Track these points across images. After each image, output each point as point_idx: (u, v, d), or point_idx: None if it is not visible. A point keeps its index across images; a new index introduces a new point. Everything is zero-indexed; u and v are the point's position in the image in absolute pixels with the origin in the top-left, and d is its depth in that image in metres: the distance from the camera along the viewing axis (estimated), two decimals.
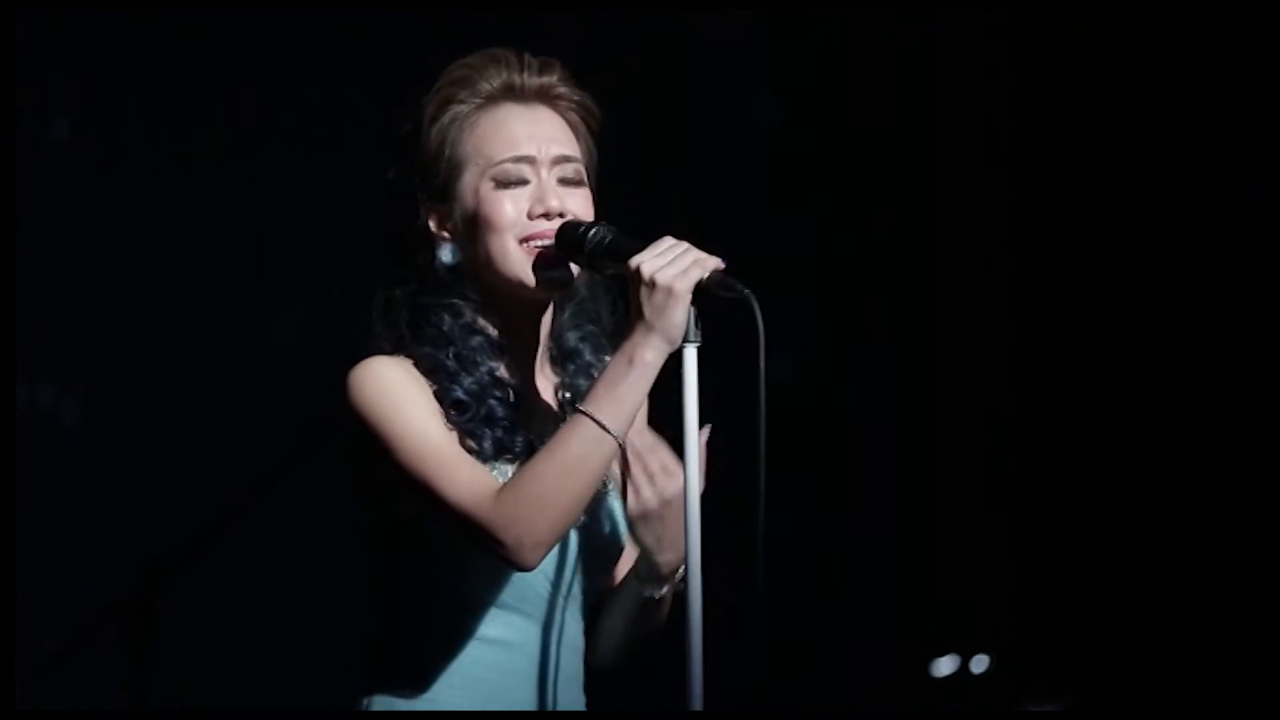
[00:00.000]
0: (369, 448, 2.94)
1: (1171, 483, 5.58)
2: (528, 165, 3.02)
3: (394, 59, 5.48)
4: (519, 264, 3.00)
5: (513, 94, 3.05)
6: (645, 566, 3.05)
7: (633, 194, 3.18)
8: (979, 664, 5.50)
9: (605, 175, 3.13)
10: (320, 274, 3.11)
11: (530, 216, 3.00)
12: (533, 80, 3.05)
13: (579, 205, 3.03)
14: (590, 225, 2.98)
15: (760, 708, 2.67)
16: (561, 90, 3.06)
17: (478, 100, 3.04)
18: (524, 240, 2.99)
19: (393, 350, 3.01)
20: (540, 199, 3.00)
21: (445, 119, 3.04)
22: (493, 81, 3.04)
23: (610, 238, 2.95)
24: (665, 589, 3.06)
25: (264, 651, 5.38)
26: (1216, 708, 5.39)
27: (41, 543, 5.26)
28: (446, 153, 3.03)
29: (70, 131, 5.35)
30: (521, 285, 3.00)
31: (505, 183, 3.01)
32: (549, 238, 2.99)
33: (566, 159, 3.04)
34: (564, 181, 3.03)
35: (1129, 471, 5.66)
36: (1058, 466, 5.80)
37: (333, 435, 3.01)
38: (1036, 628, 5.78)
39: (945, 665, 5.51)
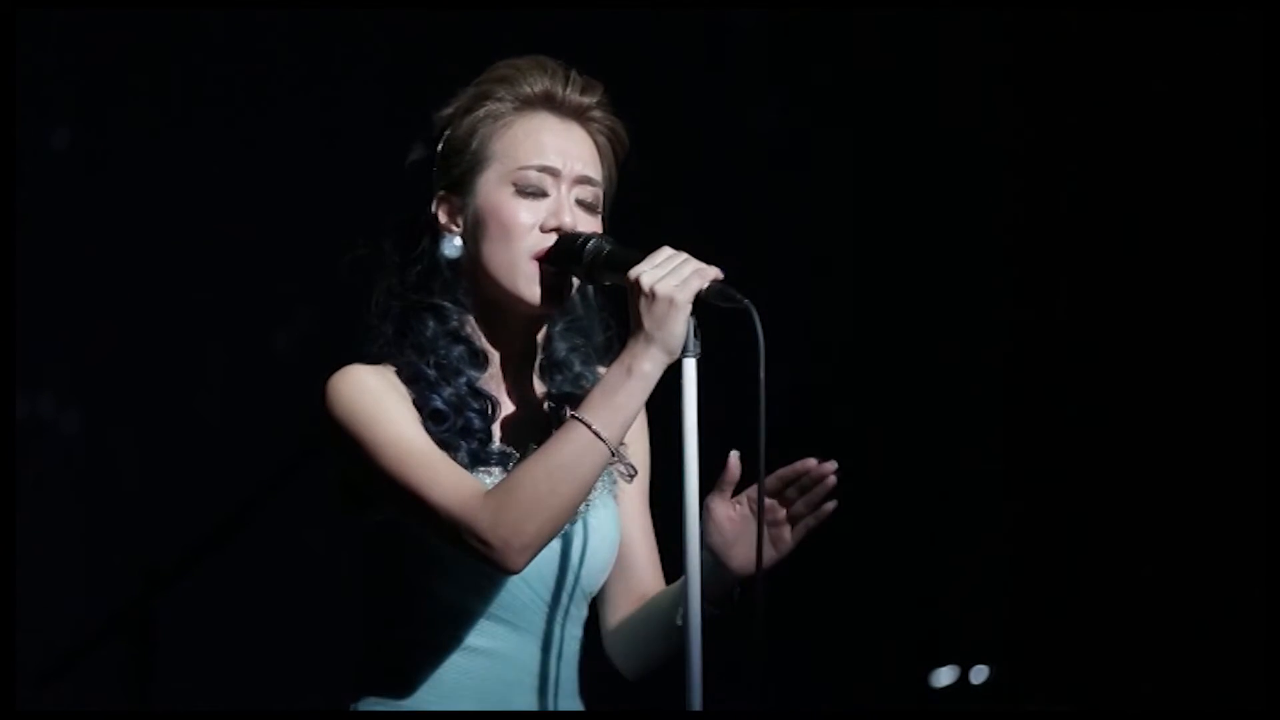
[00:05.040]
0: (350, 455, 2.94)
1: (1173, 485, 5.58)
2: (550, 177, 3.02)
3: (398, 65, 5.50)
4: (525, 278, 2.99)
5: (551, 104, 3.05)
6: (712, 579, 3.01)
7: (630, 200, 3.19)
8: (978, 674, 5.49)
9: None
10: (321, 284, 3.11)
11: (543, 229, 3.01)
12: (574, 97, 3.05)
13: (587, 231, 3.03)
14: (588, 237, 2.98)
15: (760, 708, 2.69)
16: (598, 114, 3.07)
17: (515, 102, 3.04)
18: (535, 256, 2.99)
19: (377, 359, 3.01)
20: (555, 213, 3.00)
21: (480, 112, 3.04)
22: (534, 87, 3.04)
23: (608, 249, 2.95)
24: (721, 609, 3.03)
25: (263, 660, 5.38)
26: (1217, 708, 5.39)
27: (41, 552, 5.26)
28: (473, 145, 3.03)
29: (70, 141, 5.35)
30: (521, 301, 3.01)
31: (525, 190, 3.01)
32: None
33: (589, 180, 3.04)
34: (580, 204, 3.03)
35: (1130, 474, 5.66)
36: (1059, 471, 5.80)
37: (323, 445, 3.01)
38: (1038, 632, 5.78)
39: (944, 676, 5.51)
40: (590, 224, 3.03)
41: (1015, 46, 5.88)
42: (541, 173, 3.02)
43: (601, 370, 3.02)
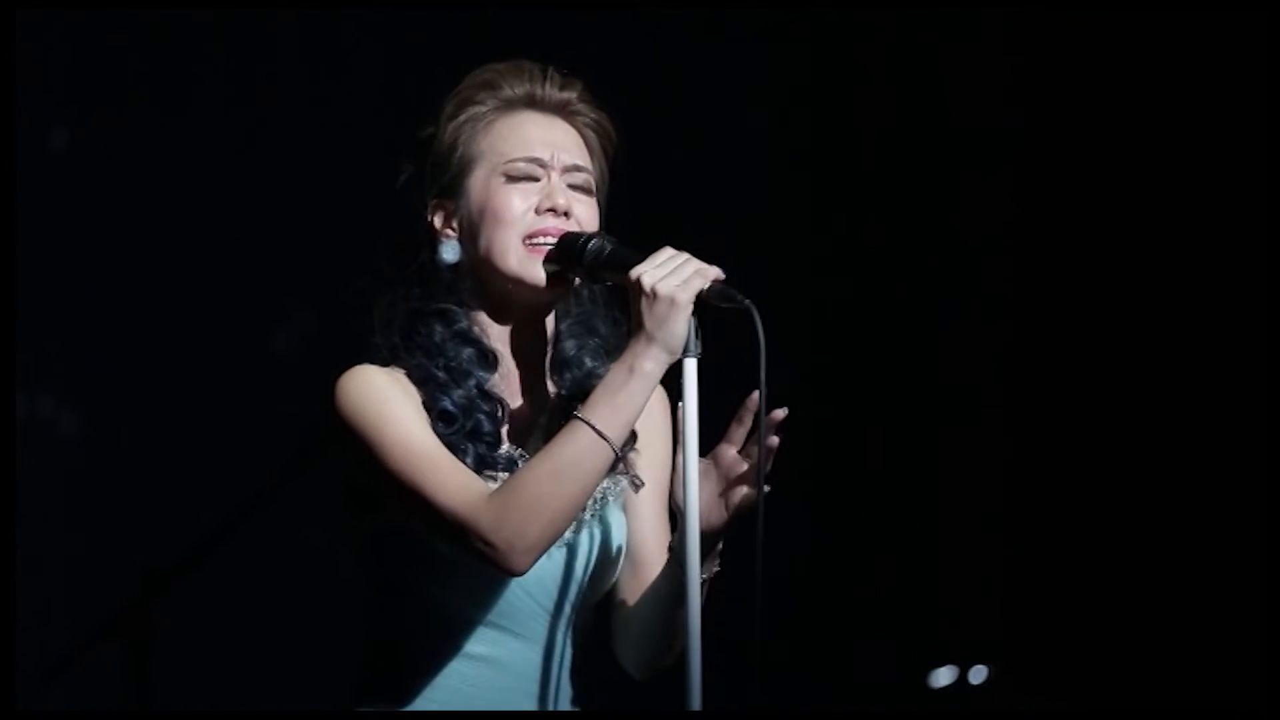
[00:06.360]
0: (357, 454, 2.94)
1: (1173, 484, 5.58)
2: (539, 166, 3.03)
3: (397, 66, 5.49)
4: (520, 260, 3.00)
5: (533, 103, 3.07)
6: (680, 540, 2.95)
7: (631, 201, 3.19)
8: (977, 675, 5.49)
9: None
10: (319, 285, 3.13)
11: (537, 212, 3.01)
12: (554, 93, 3.07)
13: (585, 212, 3.04)
14: (589, 236, 2.98)
15: (760, 708, 2.69)
16: (580, 107, 3.09)
17: (497, 103, 3.06)
18: (529, 237, 3.00)
19: (386, 361, 3.01)
20: (548, 196, 3.02)
21: (463, 117, 3.06)
22: (515, 88, 3.06)
23: (610, 248, 2.96)
24: (707, 568, 2.98)
25: (263, 660, 5.38)
26: (1217, 708, 5.39)
27: (40, 553, 5.25)
28: (460, 149, 3.05)
29: (68, 141, 5.35)
30: (520, 282, 3.01)
31: (515, 177, 3.02)
32: (553, 235, 3.00)
33: (578, 168, 3.06)
34: (573, 188, 3.04)
35: (1130, 474, 5.66)
36: (1058, 470, 5.80)
37: (329, 445, 3.00)
38: (1037, 632, 5.78)
39: (943, 676, 5.51)
40: (587, 205, 3.04)
41: (1016, 46, 5.87)
42: (529, 163, 3.03)
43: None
